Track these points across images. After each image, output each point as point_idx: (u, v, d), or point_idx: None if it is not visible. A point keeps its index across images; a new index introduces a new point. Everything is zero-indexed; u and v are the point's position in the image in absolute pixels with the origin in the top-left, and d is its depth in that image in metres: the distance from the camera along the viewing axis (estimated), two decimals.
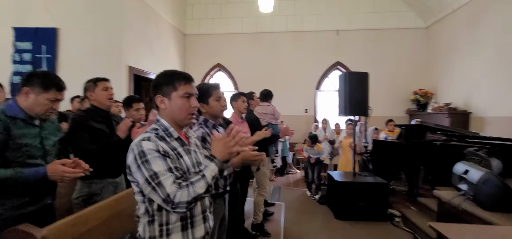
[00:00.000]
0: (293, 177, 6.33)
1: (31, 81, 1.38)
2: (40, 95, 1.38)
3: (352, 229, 3.43)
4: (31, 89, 1.38)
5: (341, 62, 6.93)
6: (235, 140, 1.11)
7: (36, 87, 1.38)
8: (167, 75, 1.14)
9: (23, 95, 1.38)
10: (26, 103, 1.38)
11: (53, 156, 1.51)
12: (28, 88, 1.37)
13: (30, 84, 1.38)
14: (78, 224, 1.49)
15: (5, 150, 1.29)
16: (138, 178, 1.00)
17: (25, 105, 1.39)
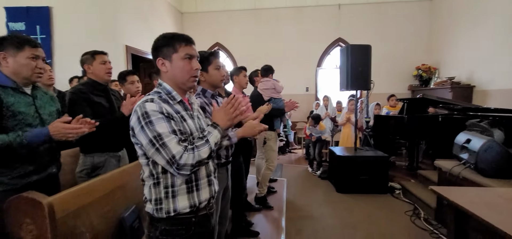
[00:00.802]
0: (295, 155, 6.38)
1: (3, 45, 1.35)
2: (17, 56, 1.35)
3: (353, 201, 3.49)
4: (6, 53, 1.34)
5: (342, 38, 6.79)
6: (235, 108, 1.10)
7: (10, 49, 1.35)
8: (166, 37, 1.10)
9: (2, 62, 1.35)
10: (9, 69, 1.35)
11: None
12: (3, 53, 1.34)
13: (3, 48, 1.35)
14: (83, 194, 1.50)
15: (1, 118, 1.27)
16: (141, 139, 0.98)
17: (9, 71, 1.35)
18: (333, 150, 4.15)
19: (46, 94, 1.57)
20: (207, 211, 1.19)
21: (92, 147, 1.94)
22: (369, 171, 3.71)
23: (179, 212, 1.06)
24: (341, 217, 3.06)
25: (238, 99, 1.12)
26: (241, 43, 7.04)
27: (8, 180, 1.30)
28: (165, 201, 1.06)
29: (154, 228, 1.08)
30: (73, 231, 1.36)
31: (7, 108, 1.30)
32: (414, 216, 3.01)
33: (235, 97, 1.12)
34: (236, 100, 1.11)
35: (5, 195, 1.23)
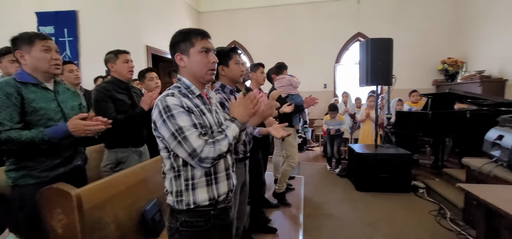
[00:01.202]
0: (313, 152, 6.30)
1: (17, 44, 1.40)
2: (31, 51, 1.39)
3: (374, 199, 3.39)
4: (21, 51, 1.39)
5: (362, 33, 6.59)
6: (254, 102, 1.11)
7: (23, 46, 1.39)
8: (182, 32, 1.12)
9: (21, 60, 1.40)
10: (28, 66, 1.40)
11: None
12: (19, 51, 1.39)
13: (17, 47, 1.40)
14: (108, 187, 1.58)
15: (24, 114, 1.33)
16: (163, 133, 1.01)
17: (28, 68, 1.41)
18: (352, 147, 4.05)
19: (68, 89, 1.62)
20: (226, 204, 1.20)
21: (115, 142, 2.03)
22: (391, 169, 3.58)
23: (198, 204, 1.08)
24: (361, 215, 2.98)
25: (258, 96, 1.13)
26: (258, 40, 7.03)
27: (37, 173, 1.37)
28: (185, 193, 1.08)
29: (175, 219, 1.10)
30: (99, 221, 1.43)
31: (28, 104, 1.35)
32: (439, 216, 2.88)
33: (256, 94, 1.13)
34: (256, 97, 1.12)
35: (36, 187, 1.31)
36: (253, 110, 1.12)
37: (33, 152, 1.34)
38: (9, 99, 1.28)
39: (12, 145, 1.26)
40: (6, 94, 1.28)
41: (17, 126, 1.29)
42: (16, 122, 1.29)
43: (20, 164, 1.35)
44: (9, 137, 1.25)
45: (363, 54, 3.86)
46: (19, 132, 1.28)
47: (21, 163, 1.35)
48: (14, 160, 1.35)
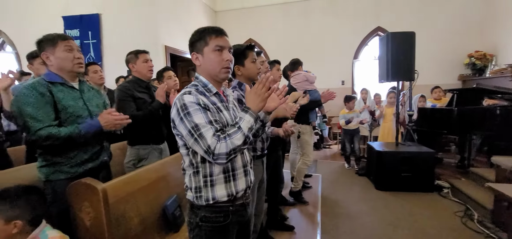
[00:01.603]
0: (330, 150, 6.20)
1: (42, 46, 1.47)
2: (55, 52, 1.45)
3: (395, 199, 3.29)
4: (46, 52, 1.46)
5: (381, 27, 6.37)
6: (266, 86, 1.05)
7: (48, 48, 1.46)
8: (198, 31, 1.14)
9: (47, 61, 1.47)
10: (54, 66, 1.47)
11: None
12: (45, 53, 1.46)
13: (42, 49, 1.47)
14: (131, 182, 1.64)
15: (56, 112, 1.41)
16: (181, 130, 1.04)
17: (54, 68, 1.48)
18: (372, 145, 3.94)
19: (92, 88, 1.70)
20: (244, 200, 1.22)
21: (137, 139, 2.10)
22: (413, 168, 3.45)
23: (217, 200, 1.10)
24: (381, 215, 2.90)
25: (267, 76, 1.07)
26: (274, 38, 7.00)
27: (67, 168, 1.45)
28: (204, 189, 1.10)
29: (195, 214, 1.13)
30: (123, 215, 1.50)
31: (58, 102, 1.43)
32: (465, 218, 2.75)
33: (267, 76, 1.07)
34: (266, 78, 1.06)
35: (66, 182, 1.39)
36: (266, 94, 1.06)
37: (64, 148, 1.42)
38: (43, 98, 1.37)
39: (52, 141, 1.34)
40: (40, 94, 1.37)
41: (54, 123, 1.38)
42: (52, 119, 1.38)
43: (52, 160, 1.43)
44: (50, 133, 1.33)
45: (383, 49, 3.74)
46: (58, 128, 1.36)
47: (52, 159, 1.43)
48: (46, 156, 1.44)
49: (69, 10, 4.98)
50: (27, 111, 1.33)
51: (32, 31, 5.29)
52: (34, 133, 1.33)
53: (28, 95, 1.35)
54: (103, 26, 4.94)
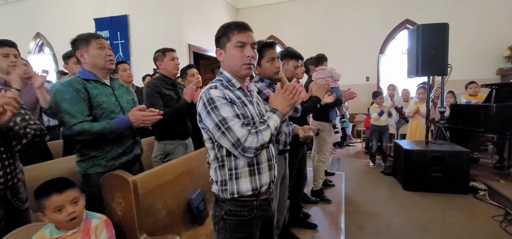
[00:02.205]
0: (353, 148, 6.03)
1: (76, 45, 1.55)
2: (89, 49, 1.52)
3: (424, 200, 3.13)
4: (81, 50, 1.54)
5: (410, 19, 6.05)
6: (293, 93, 1.09)
7: (82, 45, 1.53)
8: (222, 27, 1.15)
9: (81, 59, 1.55)
10: (87, 64, 1.55)
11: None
12: (79, 51, 1.54)
13: (77, 47, 1.55)
14: (158, 176, 1.71)
15: (90, 108, 1.49)
16: (208, 124, 1.05)
17: (88, 66, 1.55)
18: (399, 143, 3.77)
19: (122, 85, 1.78)
20: (268, 195, 1.22)
21: (164, 135, 2.18)
22: (444, 168, 3.26)
23: (242, 194, 1.11)
24: (409, 216, 2.78)
25: (297, 87, 1.10)
26: (296, 34, 6.89)
27: (104, 162, 1.53)
28: (229, 182, 1.11)
29: (220, 208, 1.15)
30: (151, 206, 1.56)
31: (93, 99, 1.50)
32: (505, 222, 2.55)
33: (294, 84, 1.11)
34: (295, 87, 1.10)
35: (103, 175, 1.47)
36: (292, 101, 1.10)
37: (101, 142, 1.50)
38: (78, 95, 1.45)
39: (85, 136, 1.43)
40: (75, 91, 1.45)
41: (88, 119, 1.46)
42: (86, 115, 1.46)
43: (89, 154, 1.52)
44: (83, 128, 1.41)
45: (412, 43, 3.55)
46: (90, 124, 1.44)
47: (89, 153, 1.52)
48: (84, 151, 1.53)
49: (100, 13, 5.26)
50: (63, 107, 1.42)
51: (67, 33, 5.63)
52: (69, 127, 1.42)
53: (64, 92, 1.44)
54: (130, 26, 5.17)
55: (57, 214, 1.13)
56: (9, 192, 1.19)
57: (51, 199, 1.12)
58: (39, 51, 6.42)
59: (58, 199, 1.13)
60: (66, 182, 1.18)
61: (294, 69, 2.14)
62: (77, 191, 1.20)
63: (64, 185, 1.16)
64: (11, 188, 1.20)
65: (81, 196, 1.21)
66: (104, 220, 1.28)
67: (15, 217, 1.21)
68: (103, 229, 1.25)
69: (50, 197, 1.12)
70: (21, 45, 6.35)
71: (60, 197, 1.13)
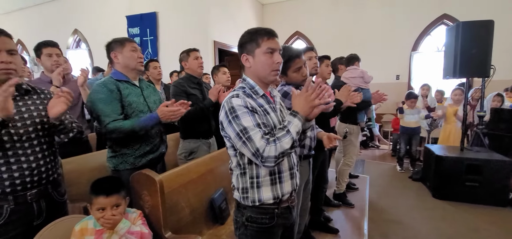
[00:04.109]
0: (380, 150, 5.80)
1: (111, 47, 1.65)
2: (123, 51, 1.63)
3: (456, 210, 2.94)
4: (115, 52, 1.64)
5: (448, 14, 5.62)
6: (317, 93, 1.03)
7: (117, 48, 1.64)
8: (250, 32, 1.14)
9: (115, 60, 1.65)
10: (120, 65, 1.65)
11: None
12: (113, 52, 1.64)
13: (112, 49, 1.65)
14: (183, 174, 1.77)
15: (122, 107, 1.58)
16: (229, 133, 1.06)
17: (120, 66, 1.65)
18: (431, 148, 3.56)
19: (149, 86, 1.86)
20: (289, 204, 1.21)
21: (188, 133, 2.25)
22: (481, 177, 3.03)
23: (263, 202, 1.11)
24: (438, 227, 2.63)
25: (322, 87, 1.04)
26: (323, 30, 6.68)
27: (132, 159, 1.62)
28: (251, 190, 1.12)
29: (241, 213, 1.17)
30: (176, 205, 1.62)
31: (124, 98, 1.59)
32: None
33: (319, 83, 1.05)
34: (320, 88, 1.04)
35: (131, 172, 1.56)
36: (316, 102, 1.04)
37: (131, 140, 1.59)
38: (112, 95, 1.54)
39: (117, 134, 1.52)
40: (109, 90, 1.55)
41: (120, 117, 1.55)
42: (119, 114, 1.55)
43: (119, 151, 1.62)
44: (115, 126, 1.51)
45: (451, 41, 3.30)
46: (122, 122, 1.53)
47: (120, 150, 1.62)
48: (115, 148, 1.63)
49: (132, 10, 5.49)
50: (99, 107, 1.53)
51: (102, 30, 6.02)
52: (104, 126, 1.52)
53: (100, 91, 1.54)
54: (159, 23, 5.33)
55: (99, 213, 1.23)
56: (50, 186, 1.29)
57: (98, 199, 1.22)
58: (76, 47, 6.87)
59: (103, 201, 1.22)
60: (115, 186, 1.27)
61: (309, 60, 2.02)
62: (121, 196, 1.27)
63: (113, 188, 1.25)
64: (52, 183, 1.30)
65: (124, 201, 1.29)
66: (140, 213, 1.37)
67: (55, 209, 1.31)
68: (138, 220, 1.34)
69: (98, 197, 1.22)
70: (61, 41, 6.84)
71: (105, 200, 1.22)
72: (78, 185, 1.82)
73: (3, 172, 1.13)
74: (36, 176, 1.21)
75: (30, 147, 1.20)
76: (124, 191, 1.30)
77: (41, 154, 1.23)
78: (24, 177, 1.17)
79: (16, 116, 1.17)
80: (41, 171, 1.23)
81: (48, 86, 1.96)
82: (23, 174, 1.17)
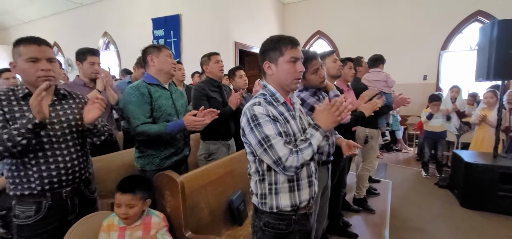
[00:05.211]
0: (404, 154, 5.57)
1: (148, 51, 1.76)
2: (159, 56, 1.74)
3: (487, 221, 2.77)
4: (151, 55, 1.74)
5: (483, 11, 5.25)
6: (340, 110, 1.06)
7: (154, 52, 1.75)
8: (273, 40, 1.15)
9: (150, 63, 1.75)
10: (154, 68, 1.75)
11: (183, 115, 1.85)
12: (150, 55, 1.75)
13: (149, 53, 1.75)
14: (203, 176, 1.82)
15: (152, 111, 1.67)
16: (250, 140, 1.09)
17: (154, 70, 1.75)
18: (460, 154, 3.37)
19: (177, 90, 1.94)
20: (307, 210, 1.22)
21: (208, 135, 2.31)
22: None
23: (281, 209, 1.13)
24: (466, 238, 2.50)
25: (343, 103, 1.07)
26: (345, 29, 6.50)
27: (158, 161, 1.71)
28: (269, 196, 1.14)
29: (259, 218, 1.19)
30: (196, 205, 1.68)
31: (155, 102, 1.68)
32: None
33: (341, 101, 1.07)
34: (341, 103, 1.06)
35: (155, 172, 1.64)
36: (338, 118, 1.07)
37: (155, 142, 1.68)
38: (143, 98, 1.64)
39: (144, 136, 1.62)
40: (141, 94, 1.64)
41: (148, 120, 1.64)
42: (148, 117, 1.65)
43: (146, 152, 1.72)
44: (143, 129, 1.60)
45: (485, 40, 3.09)
46: (150, 126, 1.63)
47: (146, 151, 1.71)
48: (142, 149, 1.73)
49: (157, 13, 5.70)
50: (130, 109, 1.63)
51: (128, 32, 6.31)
52: (133, 128, 1.62)
53: (132, 94, 1.65)
54: (182, 25, 5.49)
55: (116, 207, 1.34)
56: (82, 184, 1.40)
57: (116, 195, 1.33)
58: (105, 49, 7.25)
59: (119, 197, 1.32)
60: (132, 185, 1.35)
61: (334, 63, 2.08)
62: (137, 197, 1.34)
63: (129, 188, 1.34)
64: (84, 181, 1.41)
65: (140, 202, 1.36)
66: (163, 218, 1.45)
67: (86, 205, 1.42)
68: (163, 225, 1.42)
69: (117, 193, 1.33)
70: (92, 44, 7.27)
71: (121, 197, 1.32)
72: (106, 182, 1.94)
73: (43, 170, 1.24)
74: (71, 174, 1.32)
75: (66, 147, 1.30)
76: (143, 193, 1.37)
77: (75, 154, 1.34)
78: (60, 176, 1.28)
79: (54, 119, 1.28)
80: (75, 170, 1.33)
81: (81, 89, 2.11)
82: (59, 173, 1.28)
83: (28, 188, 1.23)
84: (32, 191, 1.23)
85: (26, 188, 1.23)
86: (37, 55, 1.23)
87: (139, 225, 1.38)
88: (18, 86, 1.27)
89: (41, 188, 1.24)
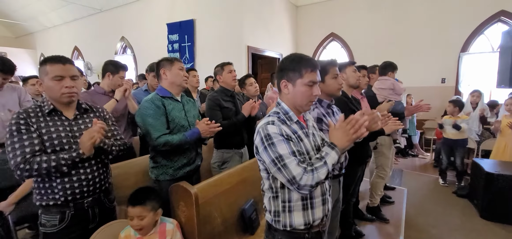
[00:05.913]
0: (420, 160, 5.42)
1: (161, 64, 1.81)
2: (172, 69, 1.78)
3: (507, 234, 2.66)
4: (164, 68, 1.79)
5: (507, 11, 5.02)
6: (355, 128, 1.05)
7: (166, 66, 1.79)
8: (294, 61, 1.15)
9: (163, 76, 1.80)
10: (167, 81, 1.80)
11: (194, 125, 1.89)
12: (163, 68, 1.80)
13: (162, 66, 1.80)
14: (216, 185, 1.86)
15: (167, 122, 1.72)
16: (264, 158, 1.10)
17: (167, 83, 1.80)
18: (479, 163, 3.25)
19: (189, 101, 1.99)
20: (320, 228, 1.23)
21: (222, 144, 2.35)
22: None
23: (294, 227, 1.15)
24: None
25: (357, 119, 1.05)
26: (360, 32, 6.37)
27: (172, 171, 1.77)
28: (283, 214, 1.16)
29: (272, 235, 1.22)
30: (209, 215, 1.72)
31: (169, 114, 1.74)
32: None
33: (357, 118, 1.06)
34: (357, 121, 1.05)
35: (169, 183, 1.69)
36: (354, 136, 1.05)
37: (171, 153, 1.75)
38: (159, 110, 1.70)
39: (168, 147, 1.68)
40: (157, 107, 1.70)
41: (167, 131, 1.71)
42: (166, 128, 1.71)
43: (161, 163, 1.78)
44: (166, 140, 1.67)
45: (507, 44, 2.98)
46: (171, 136, 1.69)
47: (161, 162, 1.77)
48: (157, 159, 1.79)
49: (172, 18, 5.83)
50: (148, 121, 1.69)
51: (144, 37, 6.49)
52: (154, 139, 1.67)
53: (149, 107, 1.70)
54: (196, 30, 5.59)
55: (129, 220, 1.41)
56: (102, 194, 1.47)
57: (128, 208, 1.40)
58: (123, 53, 7.48)
59: (130, 210, 1.39)
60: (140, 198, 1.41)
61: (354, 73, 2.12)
62: (147, 208, 1.40)
63: (138, 200, 1.40)
64: (104, 191, 1.48)
65: (150, 213, 1.41)
66: (176, 224, 1.51)
67: (106, 214, 1.49)
68: (177, 232, 1.48)
69: (128, 207, 1.40)
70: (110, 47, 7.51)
71: (132, 210, 1.39)
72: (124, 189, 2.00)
73: (66, 182, 1.31)
74: (92, 186, 1.39)
75: (87, 160, 1.37)
76: (153, 204, 1.42)
77: (95, 166, 1.41)
78: (82, 187, 1.35)
79: (76, 133, 1.36)
80: (96, 181, 1.40)
81: (101, 97, 2.21)
82: (81, 184, 1.35)
83: (52, 198, 1.31)
84: (56, 202, 1.31)
85: (51, 198, 1.31)
86: (62, 74, 1.30)
87: (155, 234, 1.43)
88: (44, 102, 1.35)
89: (64, 198, 1.31)
